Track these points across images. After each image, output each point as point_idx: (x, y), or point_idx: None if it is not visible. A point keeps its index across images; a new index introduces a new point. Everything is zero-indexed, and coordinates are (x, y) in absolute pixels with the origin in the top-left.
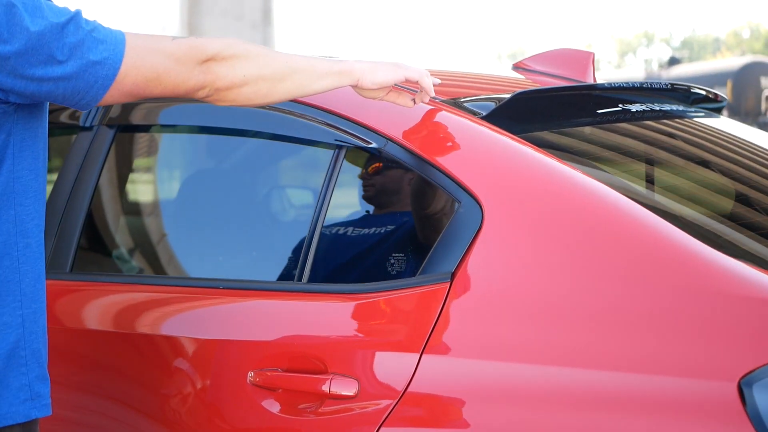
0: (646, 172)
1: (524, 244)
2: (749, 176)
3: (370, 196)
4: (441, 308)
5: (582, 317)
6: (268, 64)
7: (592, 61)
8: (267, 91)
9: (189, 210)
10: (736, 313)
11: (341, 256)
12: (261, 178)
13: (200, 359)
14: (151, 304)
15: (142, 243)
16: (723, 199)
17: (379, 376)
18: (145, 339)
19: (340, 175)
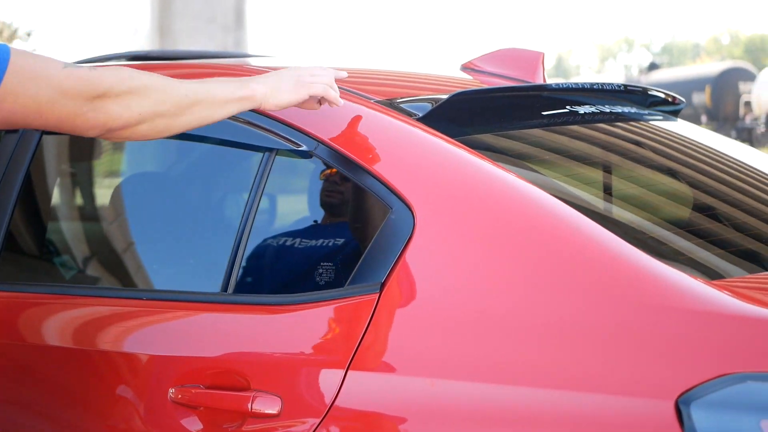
0: (592, 177)
1: (457, 253)
2: (703, 181)
3: (301, 202)
4: (369, 321)
5: (514, 331)
6: (166, 99)
7: (541, 61)
8: (164, 127)
9: (111, 217)
10: (674, 328)
11: (268, 265)
12: (186, 183)
13: (121, 374)
14: (71, 315)
15: (63, 251)
16: (675, 205)
17: (303, 393)
18: (64, 352)
19: (269, 180)
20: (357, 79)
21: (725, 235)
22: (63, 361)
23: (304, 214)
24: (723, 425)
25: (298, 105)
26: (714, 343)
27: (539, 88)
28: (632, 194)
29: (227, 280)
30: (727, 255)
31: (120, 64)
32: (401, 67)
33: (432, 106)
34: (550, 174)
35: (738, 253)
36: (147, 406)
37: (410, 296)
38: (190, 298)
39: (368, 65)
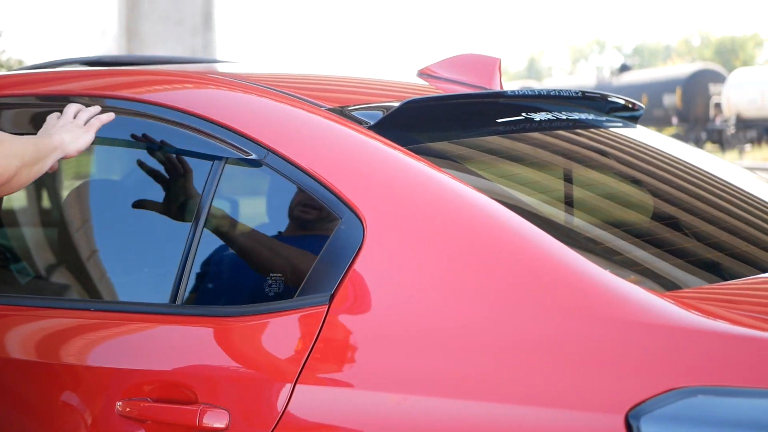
0: (547, 185)
1: (407, 264)
2: (662, 188)
3: (251, 211)
4: (318, 333)
5: (463, 345)
6: (24, 152)
7: (498, 67)
8: (26, 178)
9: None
10: (625, 341)
11: (218, 276)
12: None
13: (68, 387)
14: (18, 326)
15: (9, 262)
16: (632, 213)
17: (251, 407)
18: (11, 363)
19: (218, 189)
20: (307, 85)
21: (683, 244)
22: (10, 373)
23: (254, 224)
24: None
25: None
26: (665, 357)
27: (494, 95)
28: (589, 203)
29: (176, 291)
30: (684, 265)
31: (75, 69)
32: (356, 73)
33: (383, 114)
34: (504, 182)
35: (695, 262)
36: (94, 420)
37: (360, 308)
38: (138, 309)
39: (322, 71)
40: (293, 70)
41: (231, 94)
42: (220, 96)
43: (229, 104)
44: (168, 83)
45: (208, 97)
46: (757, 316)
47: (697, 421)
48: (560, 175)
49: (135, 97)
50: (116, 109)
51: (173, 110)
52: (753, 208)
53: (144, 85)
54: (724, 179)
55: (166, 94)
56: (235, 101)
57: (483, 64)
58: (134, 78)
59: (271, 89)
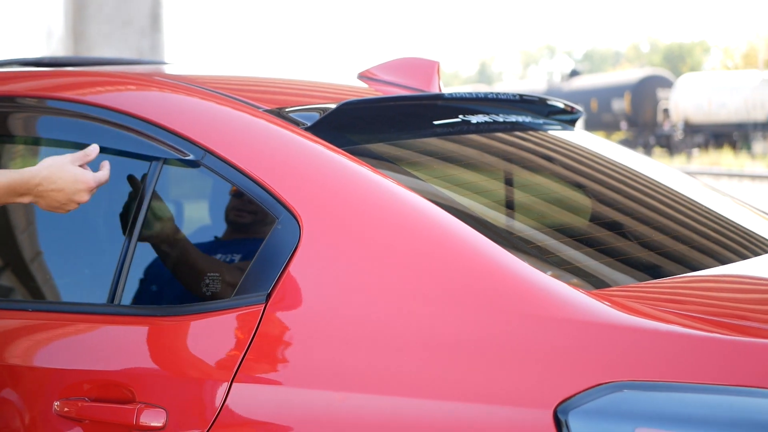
0: (483, 186)
1: (343, 263)
2: (596, 189)
3: (189, 211)
4: (255, 331)
5: (397, 342)
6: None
7: (437, 70)
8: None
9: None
10: (553, 337)
11: (156, 276)
12: None
13: (5, 386)
14: None
15: None
16: (565, 213)
17: (188, 406)
18: None
19: (156, 189)
20: (246, 87)
21: (614, 244)
22: None
23: (193, 224)
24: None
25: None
26: (593, 353)
27: (431, 97)
28: (524, 203)
29: (114, 291)
30: (614, 264)
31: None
32: (296, 76)
33: (320, 116)
34: (439, 183)
35: (625, 261)
36: (32, 419)
37: (296, 307)
38: (77, 309)
39: (262, 73)
40: (233, 73)
41: (171, 95)
42: (160, 98)
43: (168, 106)
44: (111, 85)
45: (148, 99)
46: (683, 313)
47: (623, 414)
48: (496, 176)
49: (77, 98)
50: (59, 110)
51: (114, 112)
52: (683, 208)
53: (87, 87)
54: (657, 180)
55: (108, 96)
56: (174, 103)
57: (422, 67)
58: (77, 79)
59: (210, 91)
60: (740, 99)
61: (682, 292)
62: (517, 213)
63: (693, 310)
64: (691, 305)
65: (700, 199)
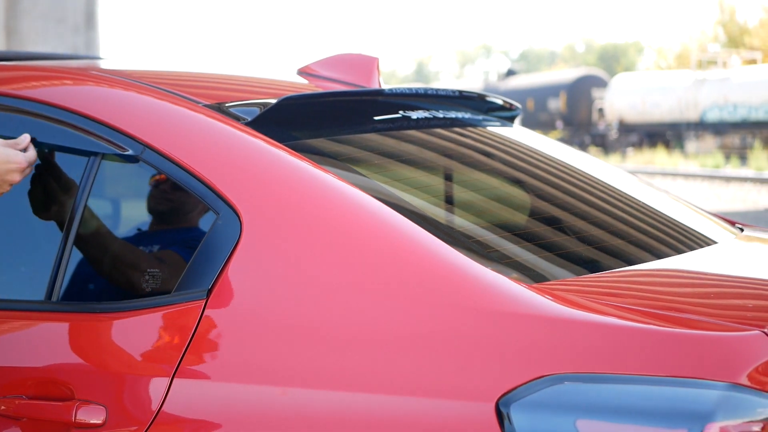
0: (423, 181)
1: (283, 258)
2: (535, 185)
3: (128, 207)
4: (195, 328)
5: (336, 337)
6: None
7: (376, 66)
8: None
9: None
10: (493, 331)
11: (94, 272)
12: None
13: None
14: None
15: None
16: (505, 208)
17: (127, 403)
18: None
19: (94, 185)
20: (186, 83)
21: (553, 238)
22: None
23: (132, 220)
24: (542, 425)
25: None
26: (533, 345)
27: (371, 92)
28: (464, 198)
29: (51, 287)
30: (553, 258)
31: None
32: (235, 71)
33: (260, 111)
34: (379, 178)
35: (564, 256)
36: None
37: (236, 302)
38: (13, 306)
39: (201, 69)
40: (172, 68)
41: (109, 90)
42: (98, 92)
43: (107, 100)
44: (47, 79)
45: (85, 94)
46: (621, 305)
47: (564, 406)
48: (436, 171)
49: (13, 93)
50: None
51: (51, 107)
52: (620, 203)
53: (22, 81)
54: (594, 176)
55: (44, 90)
56: (113, 97)
57: (362, 63)
58: (12, 73)
59: (150, 86)
60: (674, 99)
61: (620, 286)
62: (457, 208)
63: (630, 302)
64: (628, 298)
65: (637, 195)
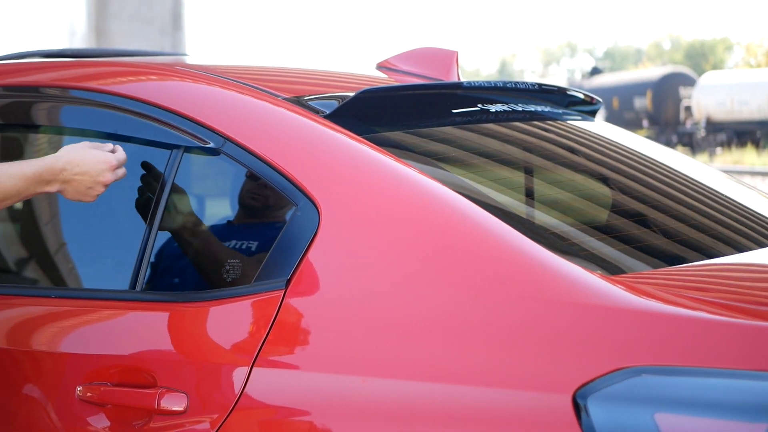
0: (501, 174)
1: (361, 249)
2: (615, 178)
3: (209, 199)
4: (274, 317)
5: (416, 328)
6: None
7: (455, 60)
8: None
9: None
10: (571, 323)
11: (176, 262)
12: None
13: (29, 372)
14: None
15: None
16: (583, 201)
17: (208, 390)
18: None
19: (177, 177)
20: (266, 77)
21: (631, 230)
22: None
23: (213, 211)
24: (619, 418)
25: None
26: (610, 338)
27: (449, 86)
28: (541, 190)
29: (135, 277)
30: (630, 251)
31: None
32: (314, 66)
33: (339, 104)
34: (458, 172)
35: (641, 248)
36: (54, 405)
37: (315, 293)
38: (99, 296)
39: (283, 64)
40: (254, 63)
41: (191, 85)
42: (181, 87)
43: (189, 95)
44: (132, 75)
45: (169, 88)
46: (700, 298)
47: (642, 399)
48: (515, 164)
49: (100, 88)
50: (82, 100)
51: (136, 101)
52: (702, 197)
53: (109, 77)
54: (676, 170)
55: (130, 86)
56: (196, 92)
57: (441, 57)
58: (100, 69)
59: (231, 80)
60: (763, 97)
61: (700, 279)
62: (536, 201)
63: (710, 295)
64: (708, 291)
65: (720, 189)
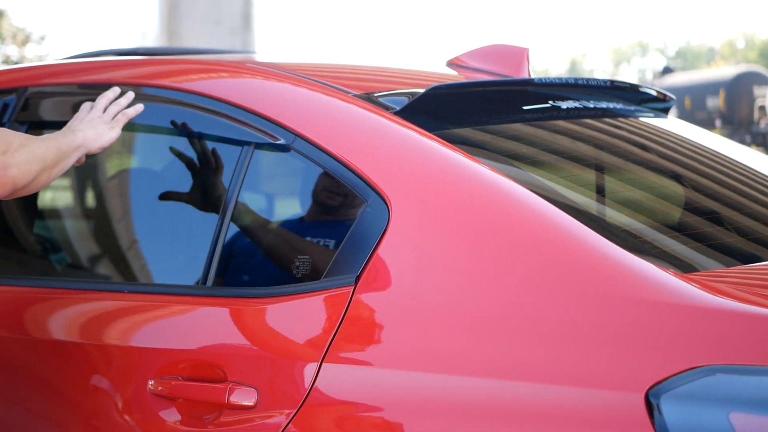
0: (571, 171)
1: (432, 246)
2: (688, 176)
3: (279, 194)
4: (344, 313)
5: (486, 325)
6: (46, 155)
7: (527, 57)
8: (46, 180)
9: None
10: (645, 320)
11: (246, 258)
12: (167, 178)
13: (101, 366)
14: (53, 308)
15: (49, 245)
16: (657, 199)
17: (278, 385)
18: (48, 344)
19: (247, 174)
20: (336, 74)
21: (704, 228)
22: (44, 354)
23: (283, 207)
24: (693, 417)
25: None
26: (685, 336)
27: (520, 82)
28: (613, 187)
29: (206, 273)
30: (704, 249)
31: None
32: (384, 63)
33: (409, 100)
34: (527, 168)
35: (717, 247)
36: (126, 398)
37: (385, 289)
38: (170, 291)
39: (353, 61)
40: (323, 61)
41: (262, 82)
42: (252, 84)
43: (260, 91)
44: (204, 72)
45: (240, 85)
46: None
47: (717, 399)
48: (586, 161)
49: (172, 85)
50: (154, 97)
51: (208, 98)
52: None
53: (181, 74)
54: (751, 167)
55: (201, 83)
56: (266, 89)
57: (512, 54)
58: (172, 67)
59: (301, 77)
60: None
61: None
62: (608, 198)
63: None
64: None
65: None
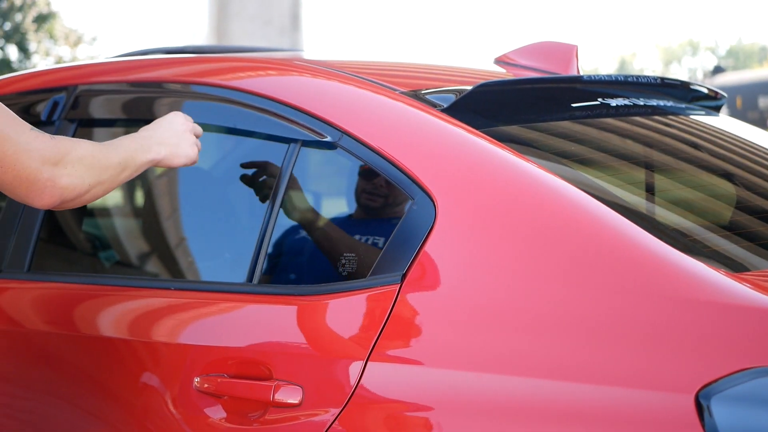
0: (619, 169)
1: (479, 244)
2: (740, 175)
3: (326, 192)
4: (390, 312)
5: (534, 325)
6: (107, 166)
7: (575, 54)
8: (102, 192)
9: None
10: (695, 321)
11: (292, 256)
12: (213, 176)
13: (147, 363)
14: (100, 305)
15: (98, 243)
16: (708, 198)
17: (323, 384)
18: (95, 340)
19: (294, 171)
20: (383, 71)
21: (755, 228)
22: (91, 350)
23: (329, 205)
24: (744, 420)
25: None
26: (736, 337)
27: (568, 79)
28: (664, 186)
29: (252, 271)
30: (755, 248)
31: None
32: (431, 60)
33: (456, 97)
34: (579, 167)
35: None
36: (173, 395)
37: (431, 287)
38: (216, 288)
39: (399, 58)
40: (371, 58)
41: (309, 79)
42: (299, 81)
43: (307, 89)
44: (252, 70)
45: (287, 83)
46: None
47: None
48: (636, 159)
49: (220, 83)
50: (203, 95)
51: (255, 96)
52: None
53: (229, 72)
54: None
55: (249, 81)
56: (313, 86)
57: (560, 52)
58: (221, 65)
59: (349, 75)
60: None
61: None
62: (658, 197)
63: None
64: None
65: None
